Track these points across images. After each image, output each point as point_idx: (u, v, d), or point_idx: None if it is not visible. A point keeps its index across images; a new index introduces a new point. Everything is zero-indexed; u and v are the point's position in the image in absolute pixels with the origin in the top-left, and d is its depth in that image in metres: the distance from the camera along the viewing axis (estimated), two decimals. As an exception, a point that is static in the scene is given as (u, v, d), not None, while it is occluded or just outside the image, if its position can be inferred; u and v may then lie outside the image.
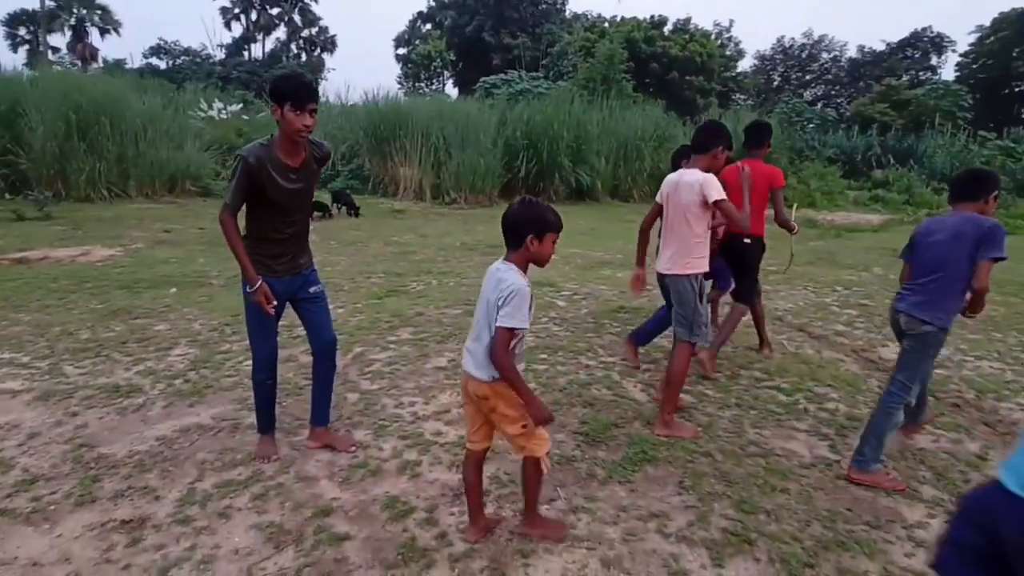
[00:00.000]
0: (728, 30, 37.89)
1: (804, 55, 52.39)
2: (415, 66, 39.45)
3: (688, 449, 2.95)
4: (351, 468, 2.73)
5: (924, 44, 48.47)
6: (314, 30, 48.43)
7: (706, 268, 3.19)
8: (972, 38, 43.69)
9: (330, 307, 3.10)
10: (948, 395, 3.86)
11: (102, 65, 33.52)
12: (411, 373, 3.88)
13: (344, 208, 13.03)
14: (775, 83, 52.51)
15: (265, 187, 2.53)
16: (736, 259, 4.17)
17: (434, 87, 40.41)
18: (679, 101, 27.68)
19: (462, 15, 40.93)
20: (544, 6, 41.13)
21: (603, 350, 4.45)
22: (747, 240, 4.01)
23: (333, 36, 49.08)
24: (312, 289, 2.88)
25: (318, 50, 48.99)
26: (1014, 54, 39.33)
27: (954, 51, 47.29)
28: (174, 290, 5.82)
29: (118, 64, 33.70)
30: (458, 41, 40.26)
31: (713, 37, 35.63)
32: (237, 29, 47.13)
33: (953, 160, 25.17)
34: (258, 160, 2.49)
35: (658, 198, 3.41)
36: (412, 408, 3.37)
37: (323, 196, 14.13)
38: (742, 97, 41.25)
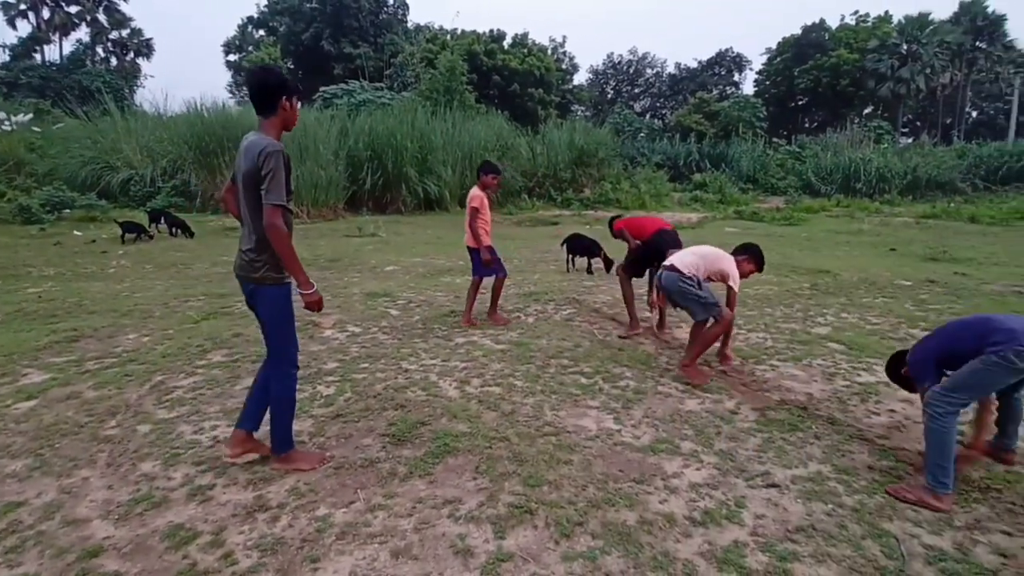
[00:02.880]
0: (562, 45, 40.44)
1: (632, 70, 57.49)
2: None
3: (488, 436, 3.16)
4: (131, 503, 2.56)
5: (727, 63, 55.56)
6: (125, 32, 43.51)
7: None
8: (764, 58, 51.00)
9: (133, 337, 2.87)
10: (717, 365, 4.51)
11: None
12: (217, 397, 3.70)
13: (170, 228, 11.92)
14: (609, 95, 56.96)
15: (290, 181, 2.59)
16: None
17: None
18: (522, 112, 28.97)
19: (297, 22, 39.28)
20: (385, 16, 40.83)
21: (426, 354, 4.58)
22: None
23: (149, 40, 44.53)
24: None
25: (131, 54, 44.09)
26: (795, 73, 46.47)
27: (751, 69, 54.81)
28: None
29: None
30: (295, 49, 38.55)
31: (549, 52, 37.79)
32: (25, 28, 40.93)
33: (755, 163, 29.21)
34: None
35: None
36: (214, 432, 3.22)
37: (138, 216, 12.81)
38: (580, 108, 44.21)
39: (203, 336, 4.94)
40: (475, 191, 5.37)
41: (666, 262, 4.35)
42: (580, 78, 48.54)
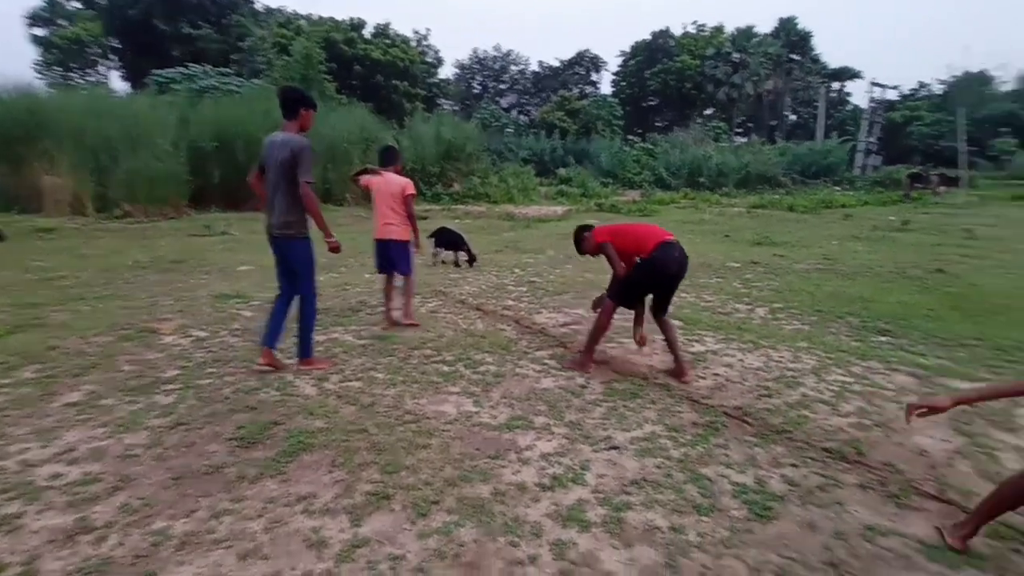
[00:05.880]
0: (426, 38, 40.02)
1: (498, 66, 58.50)
2: (61, 52, 32.35)
3: (345, 430, 3.13)
4: (-87, 545, 2.20)
5: (586, 63, 58.51)
6: None
7: None
8: (619, 60, 54.46)
9: None
10: (575, 346, 4.82)
11: None
12: (27, 416, 3.27)
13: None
14: (476, 91, 57.53)
15: None
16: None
17: (92, 78, 33.75)
18: (387, 105, 28.33)
19: (121, -6, 34.90)
20: (229, -6, 37.64)
21: (282, 354, 4.38)
22: None
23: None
24: None
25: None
26: (647, 75, 50.19)
27: (607, 70, 58.23)
28: None
29: None
30: (120, 25, 34.22)
31: (414, 44, 37.26)
32: None
33: (614, 159, 31.20)
34: None
35: None
36: (22, 456, 2.85)
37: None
38: (447, 102, 44.17)
39: (9, 352, 4.31)
40: (402, 178, 5.10)
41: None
42: (446, 72, 48.46)
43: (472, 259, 8.55)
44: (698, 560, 2.18)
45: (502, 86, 59.29)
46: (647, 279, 4.01)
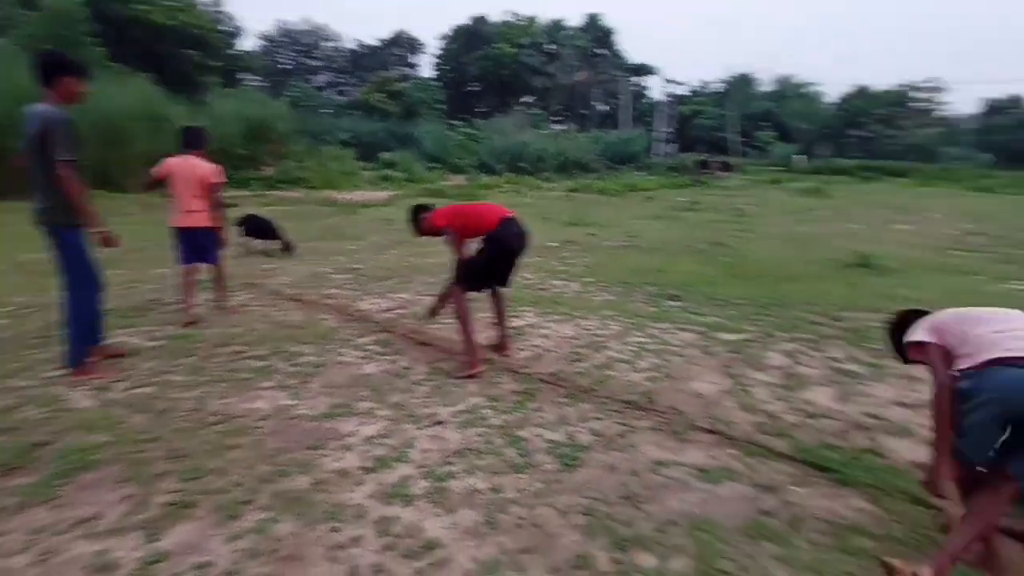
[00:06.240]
0: (219, 3, 35.72)
1: (310, 42, 54.85)
2: None
3: (134, 441, 2.78)
4: None
5: (404, 44, 57.49)
6: None
7: None
8: (439, 43, 54.39)
9: None
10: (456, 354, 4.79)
11: None
12: None
13: None
14: (286, 66, 53.42)
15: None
16: None
17: None
18: (176, 77, 25.01)
19: None
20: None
21: (47, 365, 3.73)
22: None
23: None
24: None
25: None
26: (467, 60, 50.85)
27: (425, 52, 57.83)
28: None
29: None
30: None
31: (206, 9, 33.18)
32: None
33: (438, 144, 31.27)
34: None
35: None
36: None
37: None
38: (253, 78, 40.38)
39: None
40: (208, 164, 4.73)
41: None
42: (250, 44, 44.12)
43: (288, 248, 8.02)
44: (515, 513, 2.34)
45: (315, 63, 55.79)
46: (493, 257, 3.90)
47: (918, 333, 2.34)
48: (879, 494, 2.56)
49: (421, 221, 4.11)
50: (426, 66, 57.29)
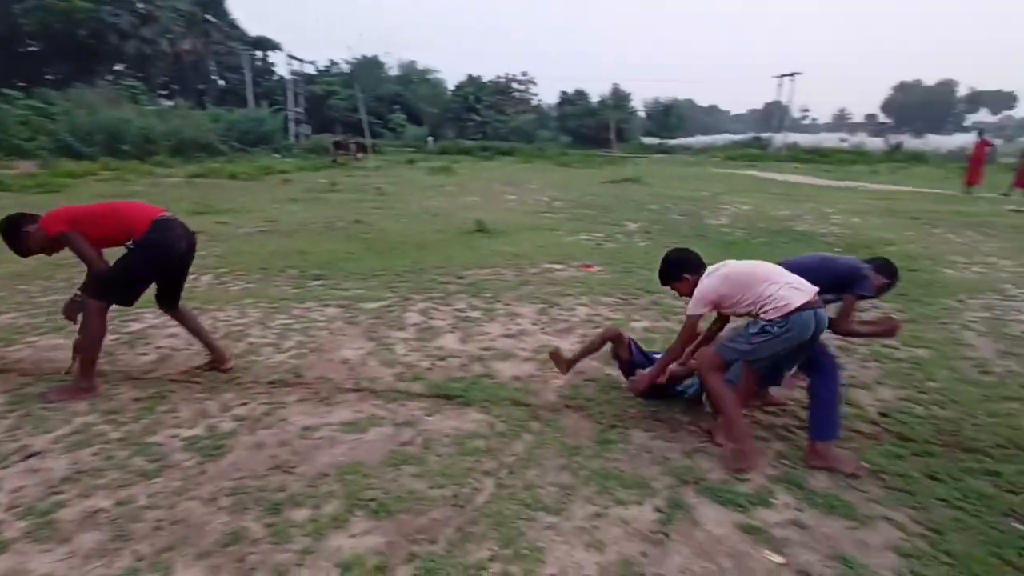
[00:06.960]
0: None
1: None
2: None
3: None
4: None
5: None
6: None
7: None
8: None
9: None
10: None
11: None
12: None
13: None
14: None
15: None
16: None
17: None
18: None
19: None
20: None
21: None
22: None
23: None
24: None
25: None
26: (16, 11, 38.92)
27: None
28: None
29: None
30: None
31: None
32: None
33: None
34: None
35: None
36: None
37: None
38: None
39: None
40: None
41: None
42: None
43: None
44: (152, 518, 2.19)
45: None
46: (151, 265, 3.31)
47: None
48: (490, 405, 3.27)
49: (24, 236, 3.15)
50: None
